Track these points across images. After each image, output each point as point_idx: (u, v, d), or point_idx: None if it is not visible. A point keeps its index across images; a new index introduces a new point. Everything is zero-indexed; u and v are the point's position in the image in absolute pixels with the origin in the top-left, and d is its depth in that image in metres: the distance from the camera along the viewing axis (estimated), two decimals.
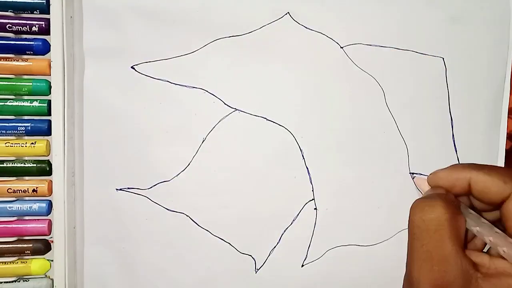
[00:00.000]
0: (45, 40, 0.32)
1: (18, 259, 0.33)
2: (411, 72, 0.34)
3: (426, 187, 0.30)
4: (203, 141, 0.33)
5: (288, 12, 0.33)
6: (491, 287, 0.24)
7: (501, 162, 0.35)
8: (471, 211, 0.27)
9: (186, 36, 0.33)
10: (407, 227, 0.34)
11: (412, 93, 0.34)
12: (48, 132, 0.32)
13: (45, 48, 0.32)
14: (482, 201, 0.27)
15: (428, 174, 0.34)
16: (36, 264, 0.33)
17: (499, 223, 0.26)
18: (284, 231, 0.34)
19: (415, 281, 0.25)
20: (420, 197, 0.27)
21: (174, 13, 0.32)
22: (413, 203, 0.26)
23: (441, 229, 0.24)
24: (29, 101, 0.32)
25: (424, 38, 0.34)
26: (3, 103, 0.32)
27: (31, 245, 0.33)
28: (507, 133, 0.35)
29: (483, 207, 0.28)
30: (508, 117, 0.35)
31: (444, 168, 0.28)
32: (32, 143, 0.32)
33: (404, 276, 0.27)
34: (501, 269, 0.24)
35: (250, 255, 0.34)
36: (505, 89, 0.35)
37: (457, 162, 0.35)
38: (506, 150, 0.35)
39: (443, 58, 0.34)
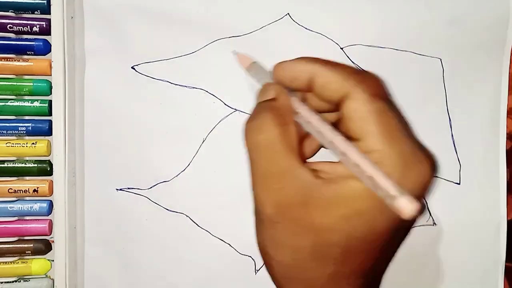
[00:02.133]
0: (46, 40, 0.32)
1: (19, 259, 0.33)
2: (409, 73, 0.34)
3: (245, 64, 0.29)
4: (203, 141, 0.33)
5: (288, 13, 0.33)
6: (333, 193, 0.23)
7: (502, 162, 0.35)
8: (309, 110, 0.26)
9: (187, 36, 0.33)
10: None
11: (411, 93, 0.34)
12: (49, 132, 0.32)
13: (46, 49, 0.32)
14: (323, 98, 0.25)
15: None
16: (36, 264, 0.33)
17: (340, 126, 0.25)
18: None
19: (260, 204, 0.24)
20: (251, 115, 0.25)
21: (174, 14, 0.33)
22: (245, 124, 0.25)
23: (272, 146, 0.24)
24: (30, 101, 0.32)
25: (422, 39, 0.34)
26: (4, 103, 0.32)
27: (31, 245, 0.33)
28: (507, 133, 0.35)
29: (324, 108, 0.27)
30: (508, 117, 0.35)
31: (290, 60, 0.27)
32: (33, 143, 0.32)
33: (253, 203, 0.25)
34: (340, 173, 0.24)
35: (250, 256, 0.34)
36: (502, 90, 0.35)
37: (458, 162, 0.35)
38: (506, 150, 0.35)
39: (440, 59, 0.34)
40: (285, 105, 0.26)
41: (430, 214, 0.34)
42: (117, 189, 0.33)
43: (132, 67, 0.33)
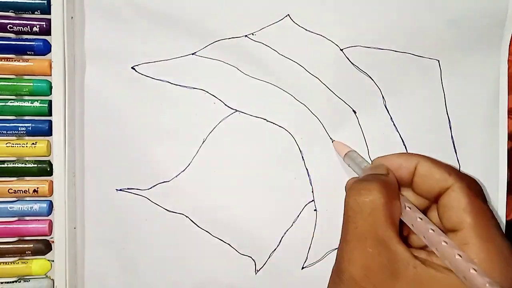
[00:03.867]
0: (46, 40, 0.32)
1: (19, 259, 0.33)
2: (408, 74, 0.34)
3: (343, 151, 0.31)
4: (203, 142, 0.33)
5: (288, 14, 0.33)
6: (428, 276, 0.23)
7: (502, 163, 0.35)
8: (411, 203, 0.27)
9: (187, 36, 0.33)
10: None
11: (410, 94, 0.34)
12: (49, 132, 0.32)
13: (46, 49, 0.32)
14: (422, 190, 0.26)
15: None
16: (36, 264, 0.33)
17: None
18: (285, 232, 0.34)
19: (346, 262, 0.24)
20: (357, 178, 0.26)
21: (175, 14, 0.33)
22: (349, 183, 0.26)
23: (376, 212, 0.24)
24: (29, 102, 0.32)
25: (421, 40, 0.34)
26: (3, 104, 0.32)
27: (31, 245, 0.33)
28: (508, 133, 0.35)
29: (420, 203, 0.28)
30: (508, 117, 0.35)
31: (394, 153, 0.29)
32: (33, 144, 0.32)
33: (335, 262, 0.26)
34: (436, 264, 0.24)
35: (250, 257, 0.34)
36: (500, 90, 0.35)
37: (457, 163, 0.35)
38: (508, 149, 0.35)
39: (438, 61, 0.34)
40: (394, 182, 0.27)
41: None
42: (117, 190, 0.33)
43: (132, 67, 0.33)
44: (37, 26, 0.32)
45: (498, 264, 0.23)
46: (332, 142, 0.33)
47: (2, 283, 0.33)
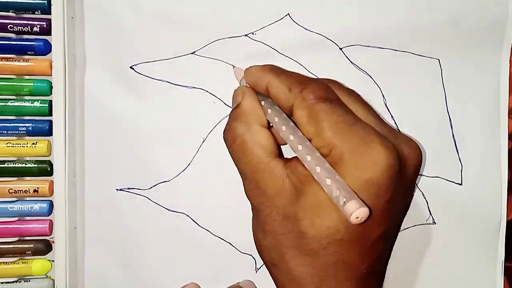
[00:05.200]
0: (46, 40, 0.32)
1: (19, 259, 0.33)
2: (409, 73, 0.34)
3: (239, 77, 0.31)
4: (204, 141, 0.33)
5: (288, 14, 0.33)
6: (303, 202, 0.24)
7: (503, 162, 0.35)
8: (276, 107, 0.28)
9: (187, 36, 0.33)
10: (407, 227, 0.34)
11: (411, 94, 0.34)
12: (49, 132, 0.32)
13: (46, 49, 0.32)
14: (280, 107, 0.28)
15: (429, 175, 0.34)
16: (37, 264, 0.33)
17: None
18: None
19: (248, 195, 0.28)
20: (225, 126, 0.28)
21: (174, 14, 0.33)
22: (222, 135, 0.28)
23: (243, 147, 0.27)
24: (30, 102, 0.32)
25: (421, 39, 0.34)
26: (4, 104, 0.32)
27: (32, 245, 0.33)
28: (508, 133, 0.35)
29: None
30: (508, 117, 0.35)
31: (259, 65, 0.30)
32: (33, 144, 0.32)
33: None
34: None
35: (251, 255, 0.34)
36: (502, 89, 0.35)
37: (459, 162, 0.35)
38: (508, 150, 0.35)
39: (439, 60, 0.34)
40: (248, 107, 0.28)
41: (430, 213, 0.35)
42: (117, 189, 0.33)
43: (132, 67, 0.33)
44: (38, 26, 0.32)
45: (348, 156, 0.24)
46: (233, 68, 0.33)
47: (2, 283, 0.33)
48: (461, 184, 0.35)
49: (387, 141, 0.24)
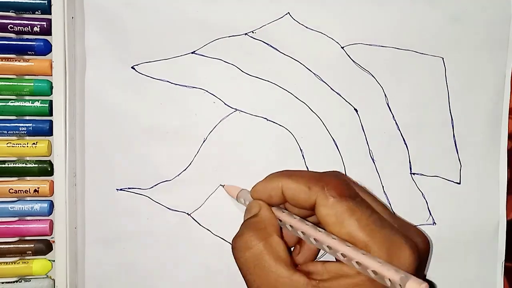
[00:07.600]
0: (46, 40, 0.32)
1: (20, 259, 0.33)
2: (411, 72, 0.34)
3: (234, 194, 0.32)
4: (204, 141, 0.33)
5: (289, 12, 0.33)
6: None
7: (503, 162, 0.35)
8: (295, 216, 0.28)
9: (187, 36, 0.33)
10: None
11: (412, 92, 0.34)
12: (49, 132, 0.32)
13: (46, 49, 0.32)
14: (297, 207, 0.27)
15: (428, 174, 0.34)
16: (37, 264, 0.33)
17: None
18: None
19: None
20: (236, 234, 0.28)
21: (174, 13, 0.33)
22: (232, 242, 0.27)
23: (260, 260, 0.26)
24: (30, 102, 0.32)
25: (424, 38, 0.34)
26: (4, 104, 0.32)
27: (32, 245, 0.33)
28: (508, 133, 0.35)
29: (304, 213, 0.28)
30: (509, 117, 0.35)
31: (261, 180, 0.29)
32: (34, 144, 0.32)
33: None
34: (333, 272, 0.25)
35: None
36: (505, 89, 0.35)
37: (458, 162, 0.35)
38: (507, 149, 0.35)
39: (442, 58, 0.34)
40: (266, 218, 0.28)
41: (430, 214, 0.34)
42: (117, 189, 0.33)
43: (132, 67, 0.33)
44: (38, 26, 0.32)
45: (384, 257, 0.24)
46: (223, 186, 0.33)
47: (3, 283, 0.33)
48: (459, 183, 0.35)
49: (410, 241, 0.25)
